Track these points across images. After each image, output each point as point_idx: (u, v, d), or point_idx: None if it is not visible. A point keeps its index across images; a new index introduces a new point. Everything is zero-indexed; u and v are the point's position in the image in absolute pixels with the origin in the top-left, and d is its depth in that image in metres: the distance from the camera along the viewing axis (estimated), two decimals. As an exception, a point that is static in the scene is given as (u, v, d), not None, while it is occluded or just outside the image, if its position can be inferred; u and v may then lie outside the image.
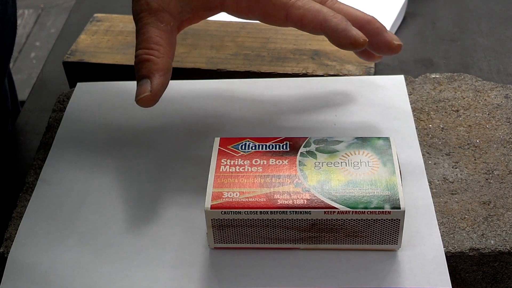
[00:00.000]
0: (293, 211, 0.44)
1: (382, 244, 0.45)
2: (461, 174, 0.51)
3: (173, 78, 0.62)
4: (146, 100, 0.48)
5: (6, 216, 0.51)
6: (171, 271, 0.45)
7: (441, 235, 0.47)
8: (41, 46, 2.17)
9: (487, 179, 0.51)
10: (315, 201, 0.44)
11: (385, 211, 0.43)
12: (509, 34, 0.71)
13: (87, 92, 0.60)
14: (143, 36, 0.50)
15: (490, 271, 0.47)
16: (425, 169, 0.51)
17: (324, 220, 0.44)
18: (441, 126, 0.56)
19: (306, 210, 0.43)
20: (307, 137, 0.48)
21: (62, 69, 0.66)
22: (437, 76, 0.61)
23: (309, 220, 0.44)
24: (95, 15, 0.71)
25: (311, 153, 0.47)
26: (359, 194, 0.44)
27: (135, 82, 0.60)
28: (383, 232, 0.44)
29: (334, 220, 0.44)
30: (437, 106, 0.57)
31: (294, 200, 0.44)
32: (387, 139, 0.48)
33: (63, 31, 0.78)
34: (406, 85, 0.59)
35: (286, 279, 0.44)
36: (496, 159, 0.52)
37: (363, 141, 0.48)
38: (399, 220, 0.44)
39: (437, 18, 0.74)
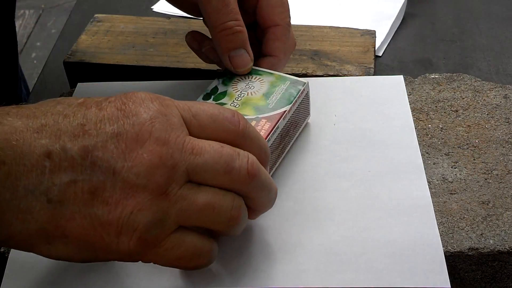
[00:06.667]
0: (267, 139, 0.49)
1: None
2: (460, 174, 0.52)
3: (174, 78, 0.62)
4: (249, 69, 0.54)
5: (7, 216, 0.51)
6: (171, 271, 0.45)
7: (440, 235, 0.47)
8: (42, 47, 2.17)
9: (486, 179, 0.51)
10: (271, 118, 0.50)
11: (302, 90, 0.53)
12: (508, 35, 0.71)
13: (87, 92, 0.60)
14: (228, 8, 0.52)
15: (489, 270, 0.47)
16: (424, 169, 0.51)
17: (286, 125, 0.51)
18: (440, 126, 0.56)
19: (272, 130, 0.49)
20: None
21: (63, 69, 0.66)
22: (436, 76, 0.61)
23: (277, 137, 0.50)
24: (96, 15, 0.71)
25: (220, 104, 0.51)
26: (280, 96, 0.52)
27: (135, 82, 0.60)
28: (305, 108, 0.54)
29: (289, 119, 0.51)
30: (436, 106, 0.58)
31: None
32: (300, 84, 0.53)
33: (64, 31, 0.78)
34: (406, 85, 0.59)
35: (286, 279, 0.45)
36: (495, 159, 0.53)
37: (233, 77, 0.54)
38: (308, 91, 0.54)
39: (437, 18, 0.75)
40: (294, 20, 0.70)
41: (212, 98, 0.52)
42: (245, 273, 0.45)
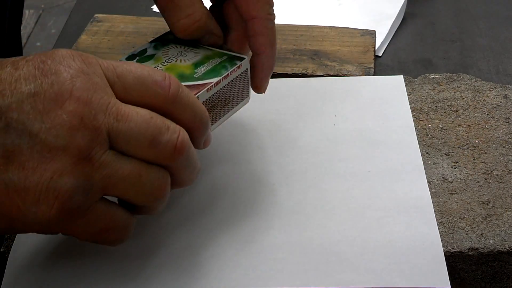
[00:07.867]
0: None
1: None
2: (460, 174, 0.52)
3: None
4: None
5: (7, 216, 0.51)
6: (171, 271, 0.45)
7: (440, 235, 0.47)
8: (42, 47, 2.17)
9: (486, 179, 0.51)
10: (193, 88, 0.44)
11: (239, 66, 0.47)
12: (508, 35, 0.71)
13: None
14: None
15: (489, 270, 0.47)
16: (424, 169, 0.51)
17: (211, 100, 0.46)
18: (440, 126, 0.56)
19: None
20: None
21: (63, 69, 0.66)
22: (436, 76, 0.61)
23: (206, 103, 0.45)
24: (96, 15, 0.71)
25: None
26: (210, 68, 0.46)
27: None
28: (242, 88, 0.48)
29: (215, 94, 0.46)
30: (436, 106, 0.58)
31: None
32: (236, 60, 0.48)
33: (64, 31, 0.78)
34: (406, 85, 0.59)
35: (286, 279, 0.44)
36: (495, 159, 0.53)
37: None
38: (247, 69, 0.48)
39: (437, 18, 0.75)
40: (294, 20, 0.70)
41: (136, 59, 0.47)
42: (245, 273, 0.45)
